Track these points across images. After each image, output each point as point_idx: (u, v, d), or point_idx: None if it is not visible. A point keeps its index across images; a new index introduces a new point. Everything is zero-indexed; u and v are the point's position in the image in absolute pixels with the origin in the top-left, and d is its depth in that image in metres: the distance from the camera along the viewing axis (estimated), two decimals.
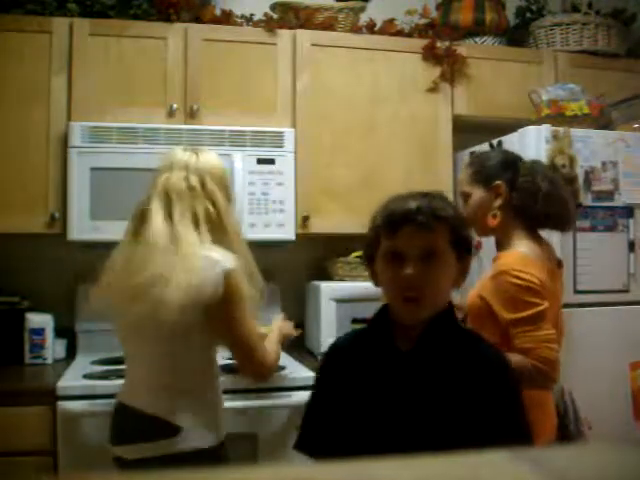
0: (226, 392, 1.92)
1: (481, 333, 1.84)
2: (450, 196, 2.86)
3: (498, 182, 1.83)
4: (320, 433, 1.37)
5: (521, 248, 1.80)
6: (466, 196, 1.93)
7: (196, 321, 1.65)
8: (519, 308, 1.70)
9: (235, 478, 0.36)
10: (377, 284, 1.41)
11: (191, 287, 1.61)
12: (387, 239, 1.32)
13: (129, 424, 1.73)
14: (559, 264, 1.93)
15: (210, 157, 1.83)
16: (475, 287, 1.87)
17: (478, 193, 1.88)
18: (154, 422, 1.67)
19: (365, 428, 1.29)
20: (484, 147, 2.66)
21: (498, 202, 1.84)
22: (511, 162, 1.87)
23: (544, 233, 1.91)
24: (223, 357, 2.05)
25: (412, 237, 1.29)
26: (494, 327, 1.75)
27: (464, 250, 1.36)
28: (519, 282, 1.70)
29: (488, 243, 2.21)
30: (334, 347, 1.47)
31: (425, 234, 1.29)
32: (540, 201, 1.79)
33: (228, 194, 1.81)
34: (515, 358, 1.70)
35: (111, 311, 1.80)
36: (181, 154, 1.80)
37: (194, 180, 1.73)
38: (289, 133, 2.68)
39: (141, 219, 1.74)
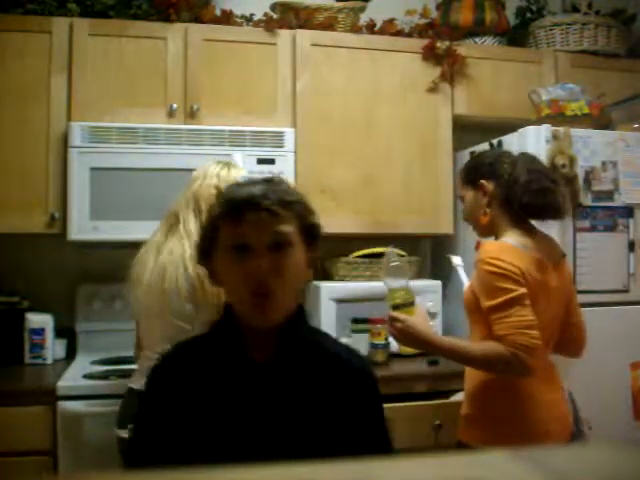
0: None
1: (473, 326, 1.86)
2: (451, 196, 2.87)
3: (482, 181, 1.86)
4: (156, 457, 1.17)
5: (505, 238, 1.81)
6: (461, 199, 1.97)
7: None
8: (494, 295, 1.70)
9: (234, 478, 0.36)
10: (217, 284, 1.26)
11: None
12: (230, 229, 1.17)
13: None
14: (562, 256, 1.93)
15: (241, 172, 1.98)
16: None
17: (469, 194, 1.91)
18: None
19: (216, 447, 1.13)
20: (484, 147, 2.66)
21: (485, 200, 1.86)
22: (496, 160, 1.89)
23: (545, 229, 1.91)
24: None
25: (258, 224, 1.15)
26: (483, 317, 1.75)
27: (313, 239, 1.24)
28: (493, 269, 1.71)
29: None
30: (166, 360, 1.27)
31: (272, 221, 1.16)
32: (520, 192, 1.79)
33: None
34: (491, 346, 1.69)
35: (141, 302, 1.89)
36: (214, 166, 1.95)
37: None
38: (289, 133, 2.68)
39: (174, 220, 1.89)
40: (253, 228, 1.15)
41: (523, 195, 1.79)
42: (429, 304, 2.74)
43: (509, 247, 1.77)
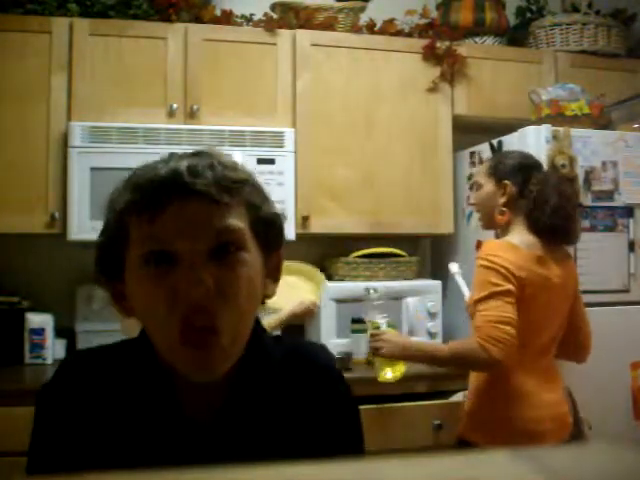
0: None
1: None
2: (451, 196, 2.87)
3: (506, 182, 1.89)
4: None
5: (509, 237, 1.85)
6: (478, 186, 2.00)
7: None
8: (481, 288, 1.74)
9: (234, 478, 0.36)
10: (127, 313, 0.83)
11: None
12: (144, 229, 0.77)
13: None
14: (567, 256, 1.95)
15: None
16: None
17: (488, 186, 1.94)
18: None
19: None
20: (484, 147, 2.66)
21: (502, 200, 1.89)
22: (527, 167, 1.92)
23: None
24: None
25: (189, 219, 0.76)
26: None
27: (272, 238, 0.84)
28: (486, 264, 1.74)
29: None
30: (65, 380, 0.88)
31: (212, 212, 0.77)
32: (548, 213, 1.82)
33: None
34: (461, 343, 1.76)
35: None
36: None
37: None
38: (289, 133, 2.68)
39: None
40: (181, 225, 0.76)
41: (550, 217, 1.82)
42: (429, 304, 2.74)
43: (509, 245, 1.79)
